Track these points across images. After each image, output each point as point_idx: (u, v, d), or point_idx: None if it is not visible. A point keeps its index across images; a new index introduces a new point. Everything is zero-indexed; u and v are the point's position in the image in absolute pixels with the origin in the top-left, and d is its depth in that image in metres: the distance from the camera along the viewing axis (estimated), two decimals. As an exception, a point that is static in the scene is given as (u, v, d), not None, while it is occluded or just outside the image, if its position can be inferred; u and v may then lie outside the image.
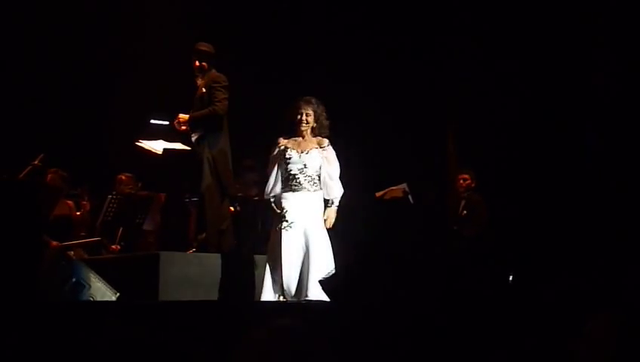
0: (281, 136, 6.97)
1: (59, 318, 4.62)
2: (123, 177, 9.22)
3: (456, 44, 10.72)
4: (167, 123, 8.60)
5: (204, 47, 7.91)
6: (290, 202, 6.78)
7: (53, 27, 10.45)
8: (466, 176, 9.76)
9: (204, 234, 7.72)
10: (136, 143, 8.36)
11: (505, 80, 10.39)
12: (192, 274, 7.01)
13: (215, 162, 7.60)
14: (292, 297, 6.59)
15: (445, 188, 10.60)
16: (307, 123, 6.92)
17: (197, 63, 7.86)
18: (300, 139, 6.94)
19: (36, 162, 7.91)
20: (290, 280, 6.60)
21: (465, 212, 9.62)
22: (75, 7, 10.47)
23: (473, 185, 9.71)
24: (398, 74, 11.02)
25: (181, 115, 7.79)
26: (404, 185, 9.33)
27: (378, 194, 9.38)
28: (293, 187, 6.81)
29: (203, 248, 7.65)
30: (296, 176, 6.82)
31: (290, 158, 6.84)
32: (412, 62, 10.98)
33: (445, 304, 5.64)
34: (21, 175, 7.61)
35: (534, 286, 6.75)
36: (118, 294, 6.16)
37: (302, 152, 6.85)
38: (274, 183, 6.90)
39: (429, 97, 10.89)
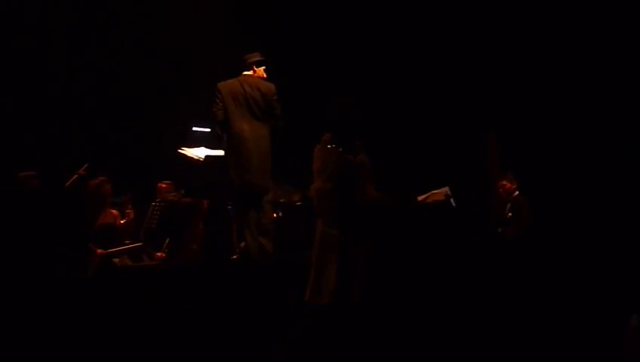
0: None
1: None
2: (163, 185, 9.34)
3: (496, 44, 10.68)
4: (208, 130, 8.66)
5: None
6: None
7: (97, 33, 10.58)
8: (504, 182, 9.74)
9: (243, 243, 7.76)
10: (179, 151, 8.43)
11: (545, 80, 10.34)
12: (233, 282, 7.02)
13: None
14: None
15: (487, 190, 10.55)
16: None
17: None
18: None
19: (81, 171, 8.02)
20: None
21: (510, 214, 9.58)
22: (120, 12, 10.60)
23: (514, 187, 9.67)
24: (439, 76, 11.01)
25: None
26: (445, 189, 9.27)
27: (420, 198, 9.34)
28: None
29: (245, 255, 7.68)
30: None
31: None
32: (452, 63, 10.96)
33: (486, 305, 5.63)
34: (67, 184, 7.71)
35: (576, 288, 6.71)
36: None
37: None
38: None
39: (470, 99, 10.86)
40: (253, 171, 7.71)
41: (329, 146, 6.14)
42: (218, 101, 7.82)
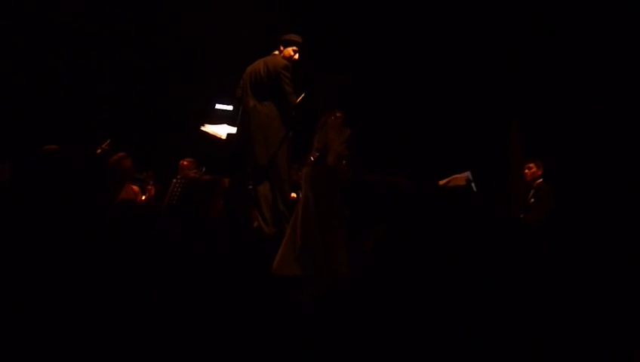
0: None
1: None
2: (185, 162, 9.39)
3: (521, 31, 10.61)
4: (231, 108, 8.68)
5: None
6: None
7: (122, 13, 10.60)
8: (532, 165, 9.67)
9: (256, 222, 7.79)
10: (201, 128, 8.45)
11: (570, 68, 10.27)
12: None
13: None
14: None
15: (509, 176, 10.50)
16: None
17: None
18: None
19: (104, 146, 8.07)
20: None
21: (533, 200, 9.54)
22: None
23: (539, 172, 9.61)
24: (462, 61, 10.96)
25: None
26: (467, 173, 9.26)
27: (441, 182, 9.32)
28: None
29: (258, 233, 7.70)
30: None
31: None
32: (476, 49, 10.91)
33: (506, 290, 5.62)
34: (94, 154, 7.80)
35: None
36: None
37: None
38: None
39: (493, 85, 10.81)
40: (254, 147, 7.74)
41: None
42: (241, 80, 7.89)
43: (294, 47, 7.94)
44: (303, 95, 7.69)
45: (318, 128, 6.95)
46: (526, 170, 9.69)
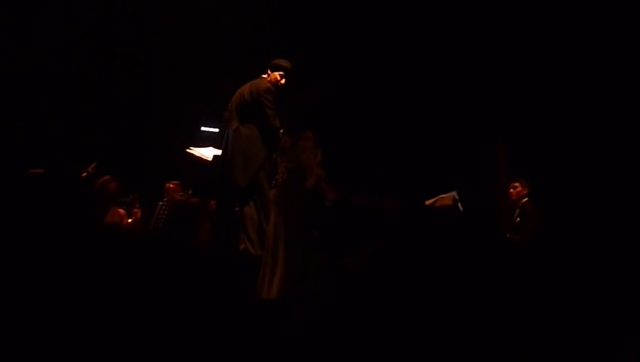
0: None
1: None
2: (171, 185, 9.39)
3: (505, 49, 10.66)
4: (217, 130, 8.67)
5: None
6: None
7: (108, 32, 10.60)
8: (516, 184, 9.67)
9: (242, 245, 7.78)
10: (187, 150, 8.44)
11: (555, 86, 10.32)
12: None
13: None
14: None
15: (495, 196, 10.53)
16: None
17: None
18: None
19: (89, 170, 8.03)
20: None
21: (518, 219, 9.53)
22: (130, 12, 10.63)
23: (525, 192, 9.60)
24: (446, 81, 11.01)
25: None
26: (453, 193, 9.27)
27: (428, 202, 9.33)
28: None
29: (245, 255, 7.69)
30: None
31: None
32: (460, 68, 10.96)
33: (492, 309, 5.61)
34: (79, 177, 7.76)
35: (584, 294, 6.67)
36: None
37: None
38: None
39: (479, 105, 10.85)
40: (234, 169, 7.76)
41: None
42: (229, 103, 7.93)
43: (281, 72, 7.96)
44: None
45: (284, 148, 6.93)
46: (511, 190, 9.68)
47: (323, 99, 7.14)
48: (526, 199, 9.60)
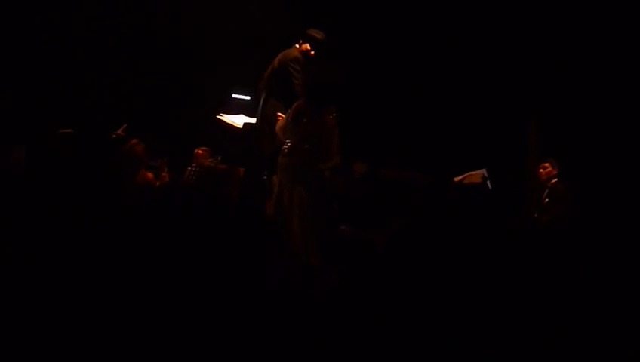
0: None
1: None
2: (200, 151, 9.39)
3: (540, 29, 10.56)
4: (248, 97, 8.66)
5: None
6: None
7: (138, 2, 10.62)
8: (547, 164, 9.58)
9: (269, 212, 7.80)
10: (217, 117, 8.43)
11: (589, 67, 10.22)
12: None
13: None
14: None
15: (526, 175, 10.46)
16: None
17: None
18: None
19: (119, 132, 8.06)
20: None
21: (547, 200, 9.46)
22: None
23: (555, 172, 9.52)
24: (480, 58, 10.93)
25: None
26: (483, 171, 9.22)
27: (457, 178, 9.29)
28: None
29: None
30: None
31: None
32: (494, 47, 10.88)
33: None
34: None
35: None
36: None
37: None
38: None
39: (511, 83, 10.76)
40: (261, 138, 7.80)
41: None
42: (264, 73, 7.93)
43: (313, 43, 7.93)
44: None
45: (300, 114, 6.89)
46: (541, 170, 9.61)
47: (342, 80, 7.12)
48: (556, 180, 9.53)
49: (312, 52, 7.91)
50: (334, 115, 6.87)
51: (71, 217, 5.80)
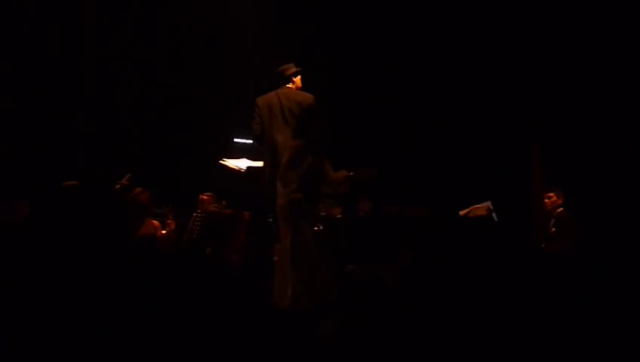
0: None
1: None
2: (205, 197, 9.40)
3: (542, 56, 10.59)
4: (250, 141, 8.65)
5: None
6: None
7: (143, 43, 10.67)
8: (551, 194, 9.58)
9: (276, 257, 7.76)
10: (221, 162, 8.45)
11: (592, 95, 10.23)
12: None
13: None
14: None
15: (531, 206, 10.43)
16: None
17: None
18: None
19: (124, 181, 8.06)
20: None
21: (554, 229, 9.44)
22: (163, 23, 10.69)
23: (560, 202, 9.51)
24: (481, 89, 10.96)
25: None
26: (488, 203, 9.21)
27: (462, 212, 9.27)
28: None
29: None
30: None
31: None
32: (496, 76, 10.91)
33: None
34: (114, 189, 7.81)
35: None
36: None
37: None
38: None
39: (513, 114, 10.78)
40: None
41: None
42: (255, 115, 7.89)
43: (299, 76, 8.09)
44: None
45: (295, 160, 6.94)
46: (546, 200, 9.61)
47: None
48: (561, 209, 9.52)
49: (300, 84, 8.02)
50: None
51: (74, 269, 5.79)
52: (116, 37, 10.84)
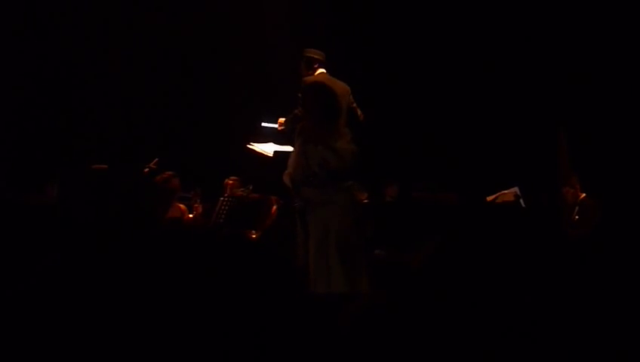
0: None
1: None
2: (230, 181, 9.39)
3: (571, 41, 10.54)
4: (276, 126, 8.66)
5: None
6: None
7: (172, 28, 10.70)
8: (567, 188, 9.60)
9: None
10: (248, 146, 8.46)
11: (619, 80, 10.17)
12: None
13: None
14: None
15: (558, 191, 10.40)
16: None
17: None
18: None
19: (152, 165, 8.10)
20: None
21: (577, 216, 9.43)
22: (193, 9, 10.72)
23: (578, 191, 9.51)
24: (508, 75, 10.92)
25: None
26: (515, 189, 9.18)
27: (489, 198, 9.25)
28: None
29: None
30: None
31: None
32: (523, 62, 10.87)
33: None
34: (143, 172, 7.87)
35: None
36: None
37: None
38: None
39: (541, 98, 10.73)
40: None
41: None
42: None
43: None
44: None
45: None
46: (567, 188, 9.62)
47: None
48: (584, 195, 9.49)
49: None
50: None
51: (103, 253, 5.83)
52: (144, 17, 10.86)
